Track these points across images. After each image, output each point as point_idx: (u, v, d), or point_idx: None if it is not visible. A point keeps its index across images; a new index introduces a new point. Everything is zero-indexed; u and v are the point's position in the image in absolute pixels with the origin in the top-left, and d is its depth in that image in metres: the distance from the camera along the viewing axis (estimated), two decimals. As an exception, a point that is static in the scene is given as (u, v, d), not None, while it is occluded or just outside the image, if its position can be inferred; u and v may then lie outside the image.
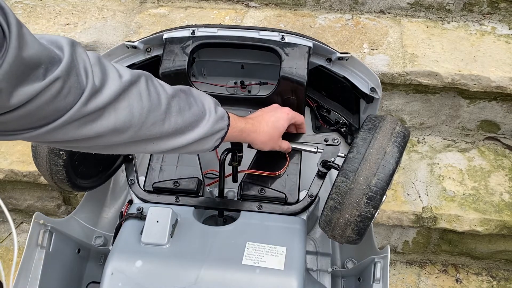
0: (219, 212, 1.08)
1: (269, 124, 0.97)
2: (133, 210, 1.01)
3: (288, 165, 1.08)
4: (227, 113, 0.86)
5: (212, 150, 0.85)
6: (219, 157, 1.02)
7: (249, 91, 1.33)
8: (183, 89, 0.79)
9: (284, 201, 1.05)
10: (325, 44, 1.16)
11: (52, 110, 0.56)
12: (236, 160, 1.03)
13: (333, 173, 1.16)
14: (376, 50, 1.67)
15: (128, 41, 1.17)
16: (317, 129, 1.33)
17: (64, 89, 0.56)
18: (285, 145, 1.03)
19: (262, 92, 1.31)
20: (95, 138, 0.64)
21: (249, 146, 1.01)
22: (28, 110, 0.54)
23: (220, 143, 0.84)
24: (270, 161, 1.07)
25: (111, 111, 0.63)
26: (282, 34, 1.14)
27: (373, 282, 0.98)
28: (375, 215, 0.87)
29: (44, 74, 0.54)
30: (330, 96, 1.30)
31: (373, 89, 1.15)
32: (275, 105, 1.03)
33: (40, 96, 0.53)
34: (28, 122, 0.56)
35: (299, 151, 1.09)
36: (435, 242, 1.67)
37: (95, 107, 0.60)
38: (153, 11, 1.89)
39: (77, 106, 0.58)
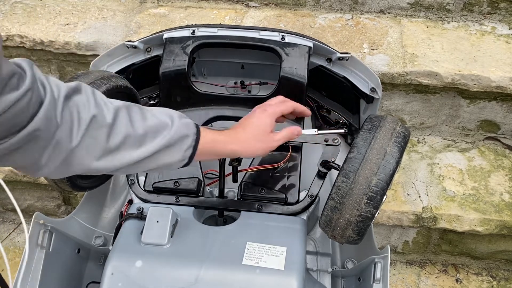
0: (219, 212, 1.08)
1: (246, 129, 0.87)
2: (133, 210, 1.01)
3: (289, 156, 1.06)
4: (196, 124, 0.79)
5: (186, 165, 0.78)
6: None
7: (249, 91, 1.33)
8: (135, 104, 0.75)
9: (284, 201, 1.05)
10: (325, 44, 1.16)
11: (23, 118, 0.59)
12: (236, 160, 1.03)
13: (334, 173, 1.16)
14: (376, 50, 1.67)
15: (128, 41, 1.17)
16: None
17: (32, 99, 0.59)
18: (282, 135, 0.91)
19: (262, 92, 1.31)
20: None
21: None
22: (5, 118, 0.56)
23: (192, 154, 0.77)
24: (271, 158, 1.07)
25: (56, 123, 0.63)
26: (282, 34, 1.14)
27: (373, 282, 0.98)
28: (376, 215, 0.87)
29: (17, 85, 0.58)
30: (330, 96, 1.30)
31: (373, 89, 1.15)
32: (254, 108, 0.92)
33: (16, 104, 0.57)
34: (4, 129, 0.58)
35: (299, 152, 1.09)
36: (435, 242, 1.67)
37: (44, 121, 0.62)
38: (153, 11, 1.89)
39: (38, 116, 0.60)
